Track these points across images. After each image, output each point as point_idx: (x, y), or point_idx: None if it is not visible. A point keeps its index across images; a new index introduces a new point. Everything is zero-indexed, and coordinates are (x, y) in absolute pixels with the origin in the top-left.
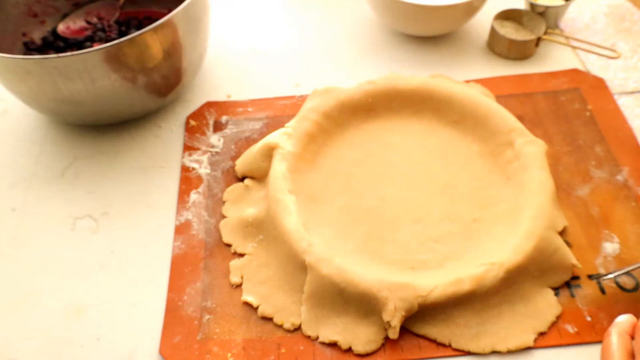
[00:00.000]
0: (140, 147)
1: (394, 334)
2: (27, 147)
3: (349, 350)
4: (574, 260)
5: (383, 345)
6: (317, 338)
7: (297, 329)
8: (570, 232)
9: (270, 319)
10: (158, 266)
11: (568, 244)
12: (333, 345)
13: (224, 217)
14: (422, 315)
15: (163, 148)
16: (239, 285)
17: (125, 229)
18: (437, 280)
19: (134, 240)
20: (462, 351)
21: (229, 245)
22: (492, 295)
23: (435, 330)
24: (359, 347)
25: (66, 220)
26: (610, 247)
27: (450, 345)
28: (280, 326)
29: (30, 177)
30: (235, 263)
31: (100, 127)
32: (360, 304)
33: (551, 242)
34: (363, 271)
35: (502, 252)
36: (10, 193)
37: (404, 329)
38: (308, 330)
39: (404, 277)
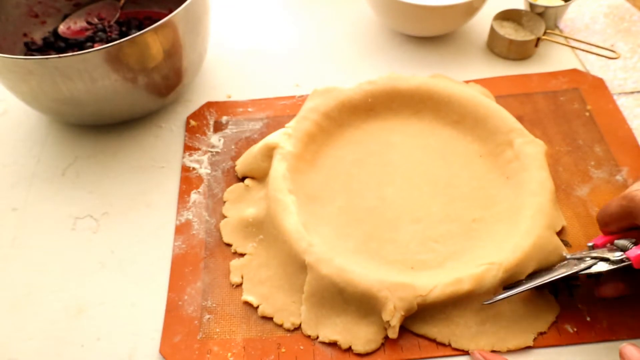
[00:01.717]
0: (141, 147)
1: (393, 333)
2: (28, 147)
3: (349, 349)
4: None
5: (383, 344)
6: (317, 338)
7: (297, 328)
8: (569, 232)
9: (270, 319)
10: (158, 266)
11: (567, 243)
12: (333, 344)
13: (224, 217)
14: (421, 315)
15: (163, 148)
16: (239, 285)
17: (126, 229)
18: (437, 280)
19: (135, 240)
20: (462, 351)
21: (229, 245)
22: (492, 294)
23: (435, 330)
24: (359, 346)
25: (67, 220)
26: None
27: (450, 345)
28: (280, 326)
29: (31, 177)
30: (235, 263)
31: (100, 127)
32: (360, 303)
33: (550, 242)
34: (363, 271)
35: (502, 252)
36: (11, 193)
37: (404, 329)
38: (308, 329)
39: (404, 277)
